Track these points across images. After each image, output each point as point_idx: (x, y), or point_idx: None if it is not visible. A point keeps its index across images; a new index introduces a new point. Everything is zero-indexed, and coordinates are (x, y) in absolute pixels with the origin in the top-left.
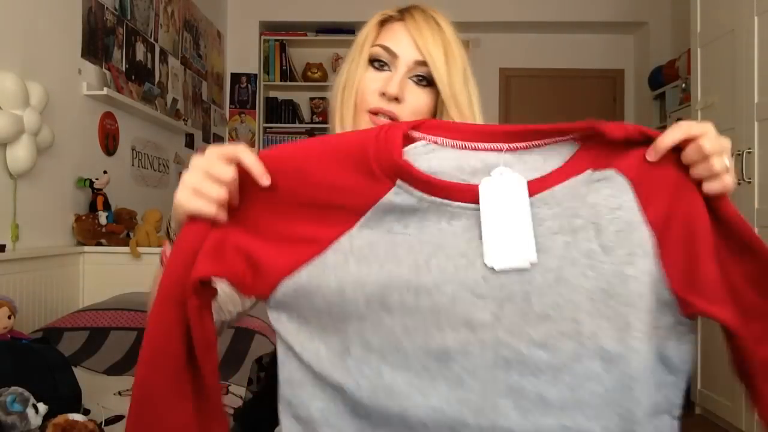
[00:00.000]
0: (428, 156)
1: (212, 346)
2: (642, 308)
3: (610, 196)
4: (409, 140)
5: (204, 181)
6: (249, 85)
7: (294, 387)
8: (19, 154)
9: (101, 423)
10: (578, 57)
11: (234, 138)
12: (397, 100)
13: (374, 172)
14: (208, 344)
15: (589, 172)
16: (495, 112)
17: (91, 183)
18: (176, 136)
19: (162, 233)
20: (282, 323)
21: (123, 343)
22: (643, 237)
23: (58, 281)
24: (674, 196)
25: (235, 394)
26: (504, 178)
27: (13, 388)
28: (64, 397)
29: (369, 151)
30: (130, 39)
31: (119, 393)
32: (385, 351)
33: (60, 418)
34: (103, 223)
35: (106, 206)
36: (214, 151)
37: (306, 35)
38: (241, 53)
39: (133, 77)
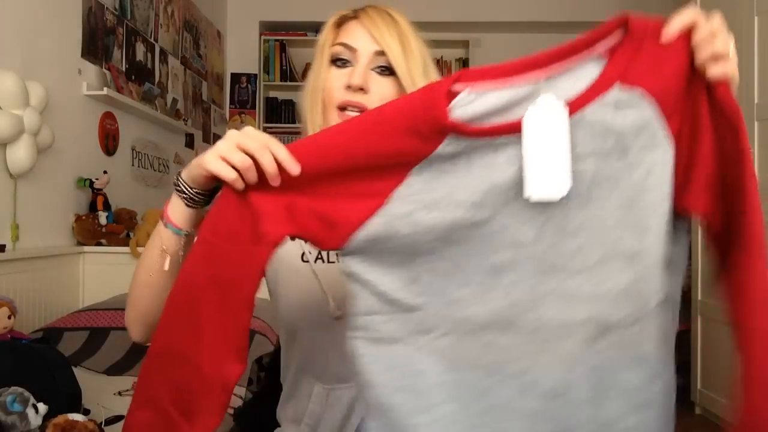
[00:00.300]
0: (472, 104)
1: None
2: (658, 214)
3: (636, 117)
4: (452, 95)
5: (232, 150)
6: (249, 85)
7: (368, 315)
8: (19, 154)
9: (101, 423)
10: None
11: None
12: (362, 90)
13: (424, 133)
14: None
15: (617, 86)
16: None
17: (91, 183)
18: (176, 136)
19: None
20: (356, 266)
21: (123, 343)
22: (664, 151)
23: (58, 281)
24: (687, 105)
25: (235, 394)
26: (543, 107)
27: (13, 388)
28: (64, 397)
29: (417, 114)
30: (130, 39)
31: (119, 393)
32: (450, 273)
33: (60, 418)
34: (103, 223)
35: (106, 206)
36: (251, 129)
37: (306, 35)
38: (241, 53)
39: (133, 77)
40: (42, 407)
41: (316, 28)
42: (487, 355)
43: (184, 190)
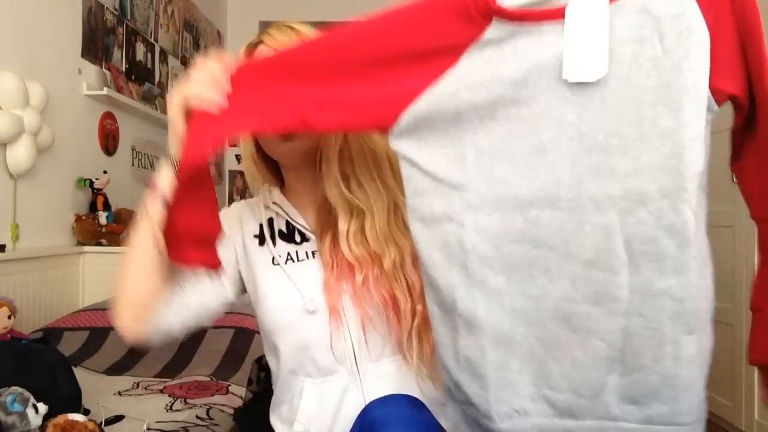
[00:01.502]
0: None
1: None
2: (693, 94)
3: (673, 6)
4: None
5: (196, 84)
6: None
7: (418, 195)
8: (19, 154)
9: (101, 423)
10: None
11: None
12: None
13: (472, 16)
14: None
15: None
16: None
17: (91, 183)
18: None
19: None
20: (406, 147)
21: (123, 343)
22: (700, 37)
23: (58, 281)
24: None
25: (235, 394)
26: None
27: (13, 388)
28: (64, 397)
29: (468, 1)
30: (130, 39)
31: (119, 393)
32: (495, 153)
33: (60, 418)
34: (103, 223)
35: (106, 206)
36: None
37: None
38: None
39: (133, 77)
40: (42, 407)
41: (315, 28)
42: (532, 230)
43: (173, 157)
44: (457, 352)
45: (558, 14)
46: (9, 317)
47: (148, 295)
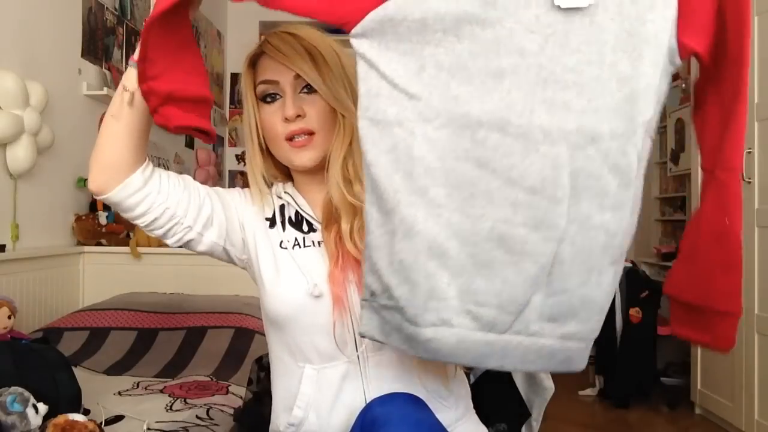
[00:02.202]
0: None
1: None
2: (654, 45)
3: None
4: None
5: None
6: None
7: (372, 97)
8: (19, 154)
9: (101, 423)
10: None
11: (234, 138)
12: (299, 116)
13: None
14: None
15: None
16: None
17: None
18: (176, 136)
19: None
20: (368, 47)
21: (123, 343)
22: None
23: (58, 281)
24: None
25: (235, 394)
26: None
27: (13, 388)
28: (64, 397)
29: None
30: (130, 39)
31: (119, 393)
32: (454, 70)
33: (60, 418)
34: (103, 223)
35: (106, 206)
36: None
37: None
38: (241, 53)
39: None
40: (42, 407)
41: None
42: (479, 149)
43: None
44: (392, 255)
45: None
46: (9, 317)
47: (118, 152)
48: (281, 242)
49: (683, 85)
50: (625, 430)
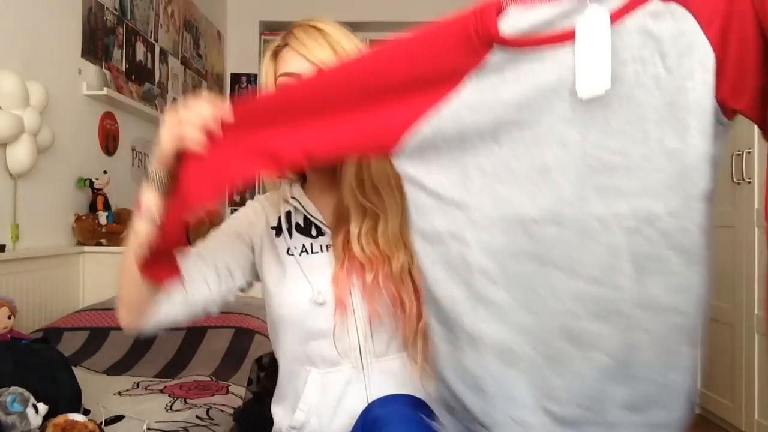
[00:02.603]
0: (520, 18)
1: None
2: (698, 113)
3: (673, 26)
4: (501, 9)
5: (185, 124)
6: (249, 85)
7: (421, 212)
8: (19, 154)
9: (101, 423)
10: None
11: None
12: None
13: (474, 43)
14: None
15: (654, 1)
16: None
17: (91, 183)
18: None
19: None
20: (410, 167)
21: (123, 343)
22: (703, 55)
23: (58, 281)
24: (729, 12)
25: (235, 394)
26: (590, 17)
27: (13, 388)
28: (64, 397)
29: (469, 27)
30: (130, 39)
31: (119, 393)
32: (498, 173)
33: (60, 418)
34: (103, 223)
35: (107, 206)
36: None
37: None
38: (241, 53)
39: (133, 77)
40: (42, 407)
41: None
42: (536, 246)
43: (156, 177)
44: (458, 364)
45: (558, 38)
46: (9, 317)
47: (141, 299)
48: (288, 249)
49: None
50: None
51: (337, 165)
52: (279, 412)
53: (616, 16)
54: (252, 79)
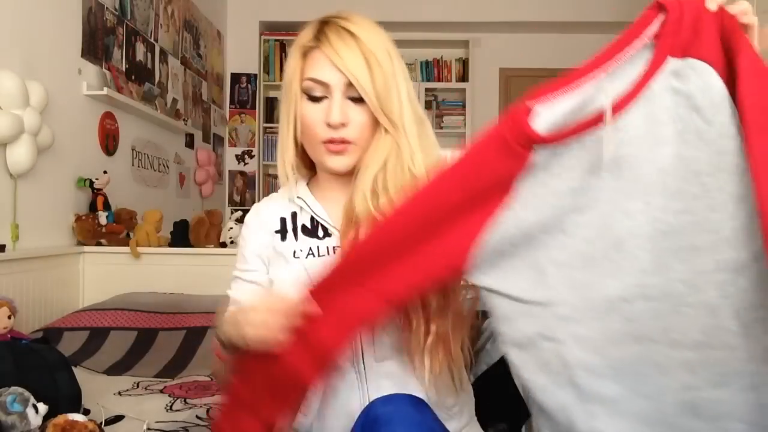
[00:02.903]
0: (548, 113)
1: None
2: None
3: (698, 80)
4: (530, 110)
5: (270, 318)
6: (249, 85)
7: (507, 322)
8: (19, 154)
9: (101, 423)
10: (578, 57)
11: (234, 138)
12: (342, 124)
13: (514, 149)
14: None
15: (670, 60)
16: (495, 112)
17: (91, 183)
18: (176, 136)
19: (162, 233)
20: (484, 279)
21: (123, 343)
22: (732, 106)
23: (58, 281)
24: (742, 63)
25: None
26: (610, 95)
27: (13, 388)
28: (64, 397)
29: (506, 136)
30: (130, 39)
31: (119, 393)
32: (574, 261)
33: (60, 418)
34: (103, 223)
35: (106, 206)
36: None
37: None
38: (241, 53)
39: (133, 77)
40: (42, 407)
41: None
42: (630, 325)
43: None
44: None
45: (590, 123)
46: (9, 317)
47: None
48: (294, 252)
49: None
50: None
51: (351, 171)
52: None
53: (641, 84)
54: (252, 79)
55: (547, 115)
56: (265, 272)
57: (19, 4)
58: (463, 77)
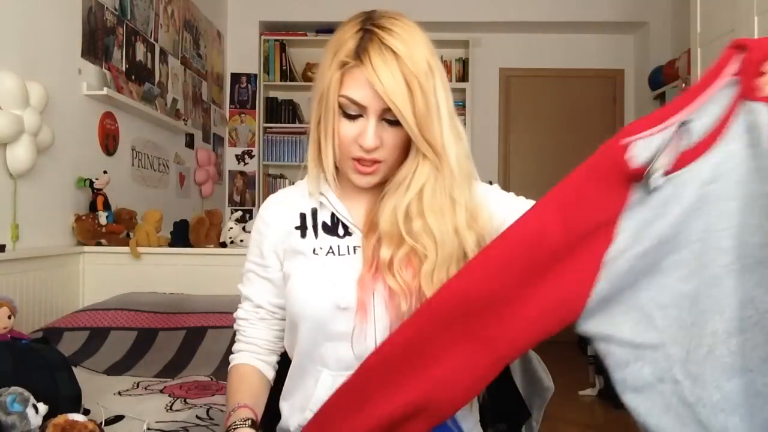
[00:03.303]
0: (643, 152)
1: None
2: None
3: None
4: (625, 148)
5: None
6: (249, 85)
7: (624, 368)
8: (19, 154)
9: (101, 423)
10: (578, 57)
11: (234, 138)
12: (377, 147)
13: (615, 189)
14: None
15: (744, 103)
16: (495, 112)
17: (91, 183)
18: (176, 136)
19: (162, 233)
20: (595, 327)
21: (123, 343)
22: None
23: (58, 281)
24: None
25: None
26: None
27: (13, 388)
28: (64, 397)
29: (606, 175)
30: (130, 39)
31: (119, 393)
32: (676, 301)
33: (60, 418)
34: (103, 223)
35: (106, 206)
36: None
37: (306, 35)
38: (241, 53)
39: (133, 77)
40: (42, 407)
41: (316, 28)
42: (734, 359)
43: None
44: None
45: (687, 159)
46: (9, 317)
47: None
48: (314, 249)
49: (683, 85)
50: (625, 430)
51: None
52: (286, 408)
53: (723, 123)
54: (252, 79)
55: (642, 153)
56: (279, 269)
57: (19, 4)
58: (463, 77)
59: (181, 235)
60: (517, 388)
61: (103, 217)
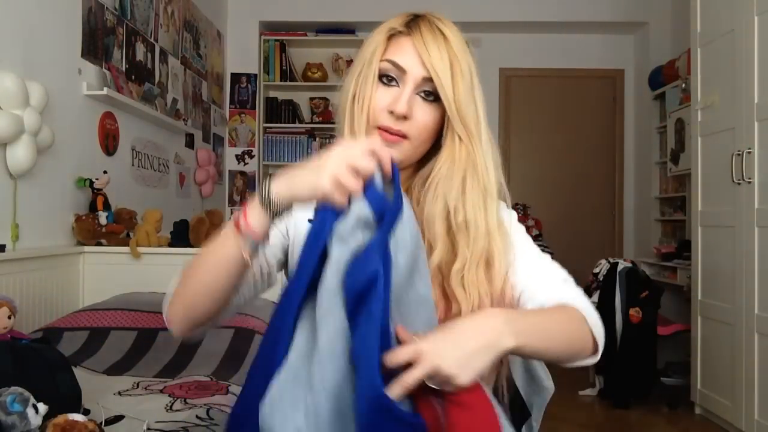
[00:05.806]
0: None
1: None
2: None
3: None
4: None
5: (346, 174)
6: (249, 85)
7: None
8: (19, 154)
9: (101, 423)
10: (578, 57)
11: (234, 138)
12: (405, 117)
13: None
14: None
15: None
16: (495, 112)
17: (91, 183)
18: (176, 136)
19: (162, 233)
20: None
21: (123, 343)
22: None
23: (58, 281)
24: None
25: (235, 394)
26: None
27: (13, 388)
28: (64, 397)
29: None
30: (130, 39)
31: (119, 393)
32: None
33: (60, 418)
34: (103, 223)
35: (106, 206)
36: (356, 145)
37: (306, 35)
38: (241, 53)
39: (133, 77)
40: (42, 407)
41: (316, 28)
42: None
43: (274, 203)
44: None
45: None
46: (9, 317)
47: (204, 306)
48: None
49: (683, 85)
50: (625, 430)
51: (422, 164)
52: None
53: None
54: (252, 79)
55: None
56: (284, 233)
57: (19, 4)
58: None
59: (181, 235)
60: (517, 388)
61: (103, 217)
